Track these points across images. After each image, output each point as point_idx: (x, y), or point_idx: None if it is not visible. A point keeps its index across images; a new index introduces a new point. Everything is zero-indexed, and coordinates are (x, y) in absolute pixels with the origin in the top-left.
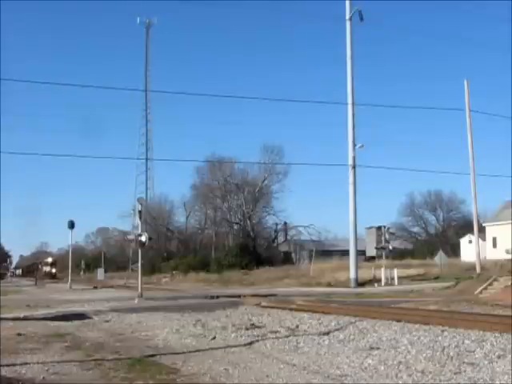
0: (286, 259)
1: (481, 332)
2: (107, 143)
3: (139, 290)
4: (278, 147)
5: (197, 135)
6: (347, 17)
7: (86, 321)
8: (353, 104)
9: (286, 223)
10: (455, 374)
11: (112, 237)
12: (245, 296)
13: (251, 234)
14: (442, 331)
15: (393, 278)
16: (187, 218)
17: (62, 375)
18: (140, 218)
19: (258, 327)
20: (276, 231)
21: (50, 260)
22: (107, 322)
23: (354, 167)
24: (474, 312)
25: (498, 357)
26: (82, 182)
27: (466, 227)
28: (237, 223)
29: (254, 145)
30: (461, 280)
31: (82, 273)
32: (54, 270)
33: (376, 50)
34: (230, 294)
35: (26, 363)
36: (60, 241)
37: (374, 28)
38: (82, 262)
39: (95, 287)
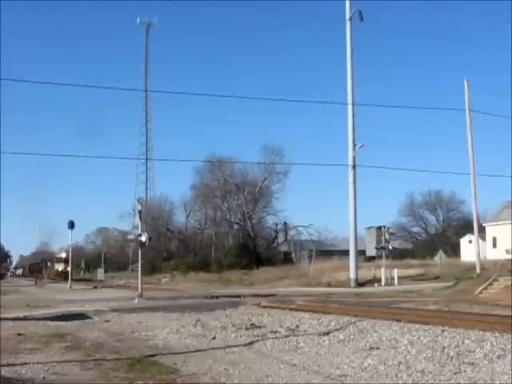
0: (286, 259)
1: (481, 332)
2: (107, 143)
3: (139, 289)
4: (278, 147)
5: (197, 135)
6: (347, 17)
7: (86, 321)
8: (353, 104)
9: (285, 223)
10: (455, 373)
11: (112, 237)
12: (245, 296)
13: (251, 234)
14: (442, 331)
15: (393, 278)
16: (187, 218)
17: (62, 375)
18: (140, 218)
19: (258, 327)
20: (276, 231)
21: (63, 255)
22: (107, 321)
23: (353, 167)
24: (473, 312)
25: (498, 357)
26: (82, 181)
27: (466, 227)
28: (237, 223)
29: (254, 145)
30: (461, 280)
31: (81, 273)
32: (68, 269)
33: (376, 50)
34: (229, 293)
35: (26, 363)
36: (60, 241)
37: (373, 28)
38: (82, 262)
39: (95, 287)
